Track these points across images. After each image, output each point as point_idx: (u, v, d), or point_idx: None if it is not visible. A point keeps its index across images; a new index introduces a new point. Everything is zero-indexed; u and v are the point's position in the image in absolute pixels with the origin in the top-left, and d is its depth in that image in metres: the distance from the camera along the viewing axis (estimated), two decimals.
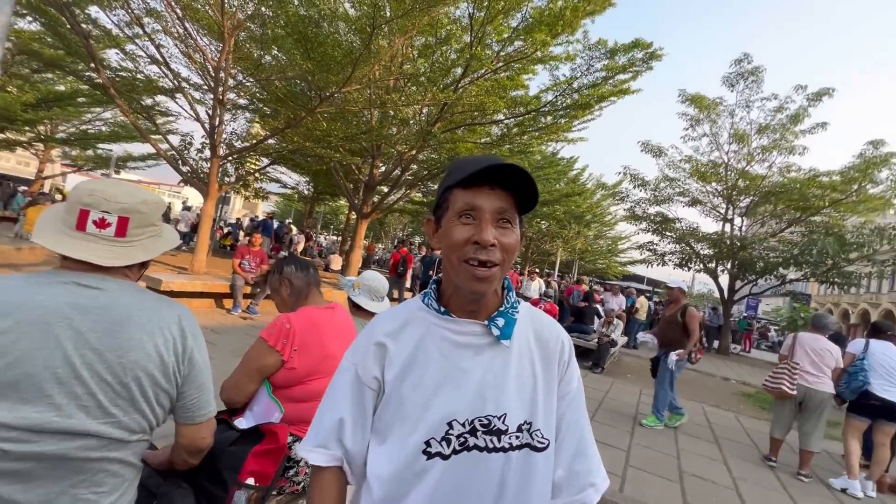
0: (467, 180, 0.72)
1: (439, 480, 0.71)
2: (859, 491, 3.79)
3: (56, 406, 0.87)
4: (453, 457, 0.71)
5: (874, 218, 12.61)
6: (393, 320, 0.81)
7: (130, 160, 18.88)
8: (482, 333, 0.77)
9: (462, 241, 0.72)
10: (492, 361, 0.76)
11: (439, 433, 0.72)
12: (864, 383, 3.85)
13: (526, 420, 0.75)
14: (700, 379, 8.83)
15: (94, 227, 0.97)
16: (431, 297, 0.81)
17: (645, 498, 3.10)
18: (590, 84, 9.07)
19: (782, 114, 12.98)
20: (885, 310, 30.67)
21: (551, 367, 0.80)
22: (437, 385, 0.74)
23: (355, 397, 0.78)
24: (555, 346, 0.82)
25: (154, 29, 7.82)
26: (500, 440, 0.72)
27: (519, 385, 0.76)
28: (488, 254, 0.71)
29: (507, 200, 0.73)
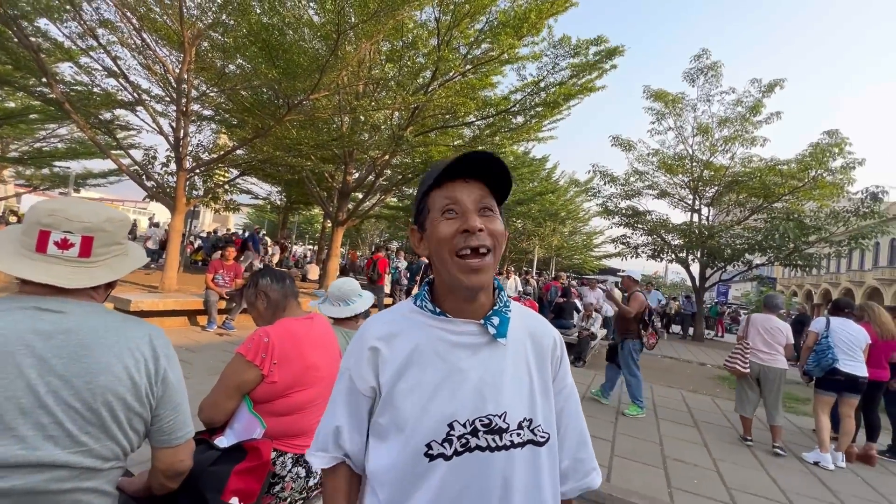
0: (443, 176, 0.74)
1: (443, 482, 0.71)
2: (830, 463, 3.98)
3: (20, 438, 0.82)
4: (455, 458, 0.71)
5: (829, 203, 13.29)
6: (385, 324, 0.81)
7: (90, 177, 18.06)
8: (478, 333, 0.77)
9: (450, 235, 0.72)
10: (489, 360, 0.76)
11: (440, 435, 0.71)
12: (833, 360, 4.06)
13: (526, 417, 0.75)
14: (677, 366, 9.09)
15: (55, 249, 0.93)
16: (425, 299, 0.80)
17: (631, 486, 3.16)
18: (556, 82, 9.24)
19: (741, 106, 13.57)
20: (844, 288, 32.32)
21: (545, 364, 0.82)
22: (436, 387, 0.73)
23: (350, 404, 0.79)
24: (548, 344, 0.84)
25: (110, 41, 7.54)
26: (502, 438, 0.73)
27: (516, 383, 0.77)
28: (478, 239, 0.71)
29: (485, 189, 0.75)
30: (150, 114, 7.92)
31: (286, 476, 1.46)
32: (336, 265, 11.47)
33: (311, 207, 22.30)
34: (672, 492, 3.17)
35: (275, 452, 1.41)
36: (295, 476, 1.48)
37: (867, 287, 30.46)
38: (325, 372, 1.55)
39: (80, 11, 6.83)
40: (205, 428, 1.49)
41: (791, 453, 4.30)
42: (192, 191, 9.26)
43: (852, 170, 12.28)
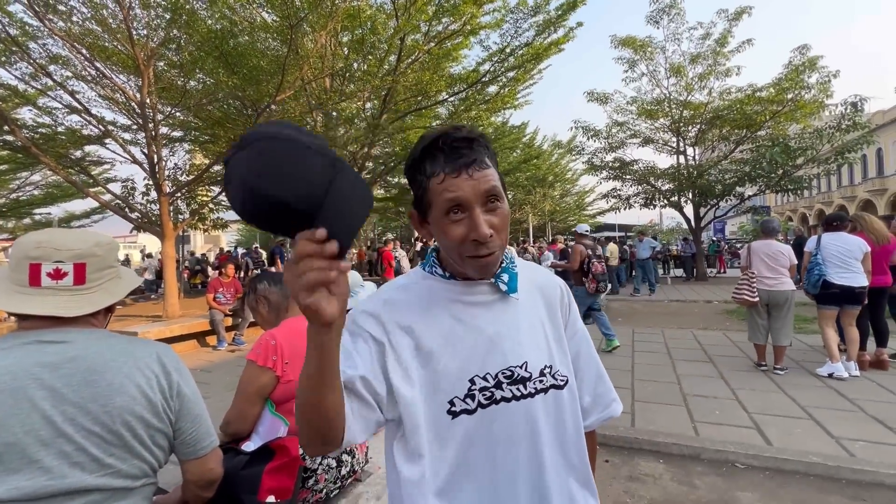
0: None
1: (471, 435, 0.72)
2: (843, 372, 4.07)
3: (46, 469, 0.83)
4: (480, 410, 0.73)
5: (811, 122, 13.25)
6: (401, 287, 0.80)
7: (73, 219, 17.86)
8: (490, 291, 0.79)
9: (459, 241, 0.70)
10: (503, 315, 0.78)
11: (462, 391, 0.72)
12: (821, 275, 4.13)
13: (546, 364, 0.78)
14: (685, 307, 9.20)
15: (49, 280, 0.93)
16: (435, 265, 0.81)
17: (656, 426, 3.24)
18: (523, 44, 9.08)
19: (710, 39, 13.38)
20: (838, 205, 32.53)
21: (555, 312, 0.85)
22: (453, 346, 0.74)
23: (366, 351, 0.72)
24: (555, 293, 0.86)
25: (64, 76, 7.34)
26: (526, 387, 0.75)
27: (532, 333, 0.79)
28: (488, 247, 0.70)
29: (487, 175, 0.70)
30: (119, 144, 7.79)
31: (318, 469, 1.48)
32: None
33: None
34: (696, 425, 3.25)
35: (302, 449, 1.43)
36: (326, 468, 1.50)
37: (860, 200, 30.67)
38: None
39: (27, 51, 6.63)
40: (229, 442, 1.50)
41: (805, 370, 4.40)
42: (178, 215, 9.18)
43: (828, 83, 12.22)
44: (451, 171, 0.69)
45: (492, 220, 0.70)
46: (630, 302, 10.32)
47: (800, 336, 5.78)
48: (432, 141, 0.71)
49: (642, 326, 7.13)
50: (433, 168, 0.71)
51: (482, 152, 0.71)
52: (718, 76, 13.61)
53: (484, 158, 0.71)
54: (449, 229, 0.71)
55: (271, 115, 7.64)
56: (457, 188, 0.68)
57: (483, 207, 0.70)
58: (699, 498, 2.44)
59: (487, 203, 0.70)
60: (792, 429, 3.12)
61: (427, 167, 0.71)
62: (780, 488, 2.50)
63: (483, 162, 0.70)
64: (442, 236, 0.73)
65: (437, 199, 0.70)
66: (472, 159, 0.69)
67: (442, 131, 0.71)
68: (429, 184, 0.71)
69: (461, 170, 0.69)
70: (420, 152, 0.72)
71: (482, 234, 0.68)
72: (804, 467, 2.65)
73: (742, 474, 2.67)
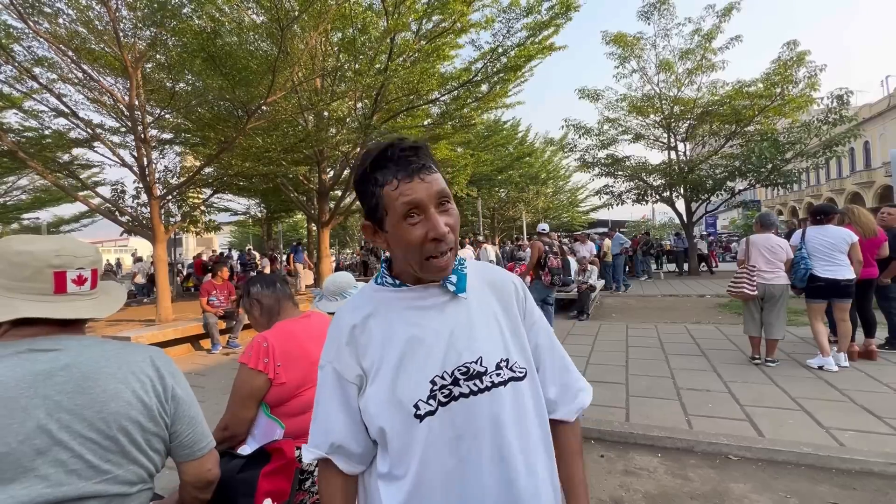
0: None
1: (436, 433, 0.75)
2: (833, 365, 4.13)
3: (43, 477, 0.83)
4: (441, 409, 0.75)
5: (799, 116, 13.40)
6: (355, 310, 0.84)
7: (63, 224, 17.67)
8: (440, 293, 0.82)
9: (419, 242, 0.74)
10: (456, 315, 0.81)
11: (425, 394, 0.75)
12: (807, 270, 4.17)
13: (502, 357, 0.80)
14: (678, 302, 9.28)
15: (75, 286, 0.96)
16: (385, 275, 0.85)
17: (650, 421, 3.27)
18: (514, 45, 9.09)
19: (699, 35, 13.48)
20: (826, 198, 32.90)
21: (510, 307, 0.87)
22: (413, 352, 0.78)
23: (338, 396, 0.80)
24: (509, 289, 0.89)
25: (50, 79, 7.24)
26: (483, 381, 0.77)
27: (486, 329, 0.82)
28: (447, 243, 0.75)
29: (436, 178, 0.75)
30: (108, 147, 7.69)
31: (314, 471, 1.48)
32: (328, 266, 11.42)
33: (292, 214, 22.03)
34: (690, 419, 3.29)
35: (298, 451, 1.43)
36: None
37: (848, 193, 31.06)
38: None
39: (12, 54, 6.53)
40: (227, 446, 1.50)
41: (796, 362, 4.46)
42: (169, 218, 9.10)
43: (816, 76, 12.36)
44: (404, 177, 0.73)
45: (447, 219, 0.75)
46: (624, 298, 10.39)
47: (791, 328, 5.85)
48: (380, 153, 0.75)
49: (636, 321, 7.19)
50: (385, 177, 0.74)
51: (428, 159, 0.76)
52: (706, 71, 13.72)
53: (430, 164, 0.76)
54: (408, 232, 0.74)
55: (262, 116, 7.59)
56: (412, 191, 0.73)
57: (437, 208, 0.75)
58: (693, 490, 2.47)
59: (440, 204, 0.75)
60: (784, 420, 3.17)
61: (379, 177, 0.75)
62: (773, 479, 2.54)
63: (430, 167, 0.75)
64: (401, 241, 0.76)
65: (393, 204, 0.74)
66: (421, 164, 0.74)
67: (388, 143, 0.75)
68: (382, 193, 0.75)
69: (413, 175, 0.73)
70: (370, 165, 0.76)
71: (441, 231, 0.73)
72: (795, 458, 2.69)
73: (735, 466, 2.71)
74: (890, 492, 2.36)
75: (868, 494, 2.35)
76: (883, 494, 2.34)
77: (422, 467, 0.75)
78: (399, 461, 0.76)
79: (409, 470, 0.75)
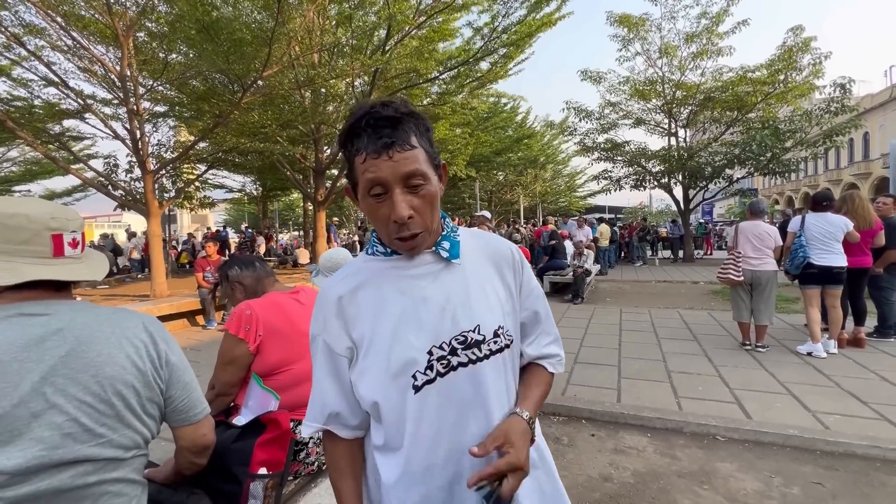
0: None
1: (433, 404, 0.74)
2: (822, 352, 4.20)
3: (38, 440, 0.83)
4: (439, 379, 0.74)
5: (801, 104, 13.29)
6: (343, 280, 0.81)
7: (55, 197, 17.39)
8: (433, 260, 0.79)
9: (383, 221, 0.72)
10: (451, 282, 0.78)
11: (422, 364, 0.74)
12: (805, 258, 4.20)
13: (500, 325, 0.79)
14: (672, 288, 9.36)
15: (71, 249, 0.96)
16: (376, 244, 0.82)
17: (641, 402, 3.32)
18: (515, 22, 8.89)
19: (705, 18, 13.23)
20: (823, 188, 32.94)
21: (506, 274, 0.85)
22: (407, 321, 0.76)
23: (330, 369, 0.80)
24: (506, 255, 0.86)
25: (38, 46, 7.02)
26: (481, 350, 0.76)
27: (482, 296, 0.80)
28: (409, 228, 0.71)
29: (408, 157, 0.69)
30: (100, 119, 7.53)
31: (309, 442, 1.50)
32: (324, 246, 11.37)
33: (289, 192, 21.85)
34: (680, 401, 3.34)
35: (292, 423, 1.44)
36: (318, 441, 1.52)
37: (845, 184, 31.10)
38: None
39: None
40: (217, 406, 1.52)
41: (786, 348, 4.53)
42: (163, 193, 8.98)
43: (820, 64, 12.22)
44: (372, 151, 0.68)
45: (412, 200, 0.70)
46: (619, 283, 10.46)
47: (782, 316, 5.93)
48: (357, 119, 0.70)
49: (630, 306, 7.26)
50: (357, 145, 0.70)
51: (408, 131, 0.70)
52: (711, 55, 13.52)
53: (409, 138, 0.69)
54: (372, 209, 0.72)
55: (258, 90, 7.43)
56: (377, 169, 0.68)
57: (403, 188, 0.69)
58: (681, 469, 2.53)
59: (409, 184, 0.70)
60: (771, 403, 3.23)
61: (353, 144, 0.71)
62: (758, 459, 2.60)
63: (406, 143, 0.69)
64: (368, 214, 0.74)
65: (361, 178, 0.70)
66: (394, 140, 0.68)
67: (368, 108, 0.70)
68: (354, 160, 0.71)
69: (381, 151, 0.68)
70: (347, 129, 0.71)
71: (399, 215, 0.69)
72: (781, 439, 2.75)
73: (722, 446, 2.77)
74: (871, 473, 2.42)
75: (850, 475, 2.41)
76: (864, 475, 2.40)
77: (417, 438, 0.75)
78: (394, 433, 0.76)
79: (405, 442, 0.75)
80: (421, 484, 0.76)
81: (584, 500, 2.27)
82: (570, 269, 8.49)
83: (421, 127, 0.73)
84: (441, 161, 0.78)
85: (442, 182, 0.78)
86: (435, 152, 0.76)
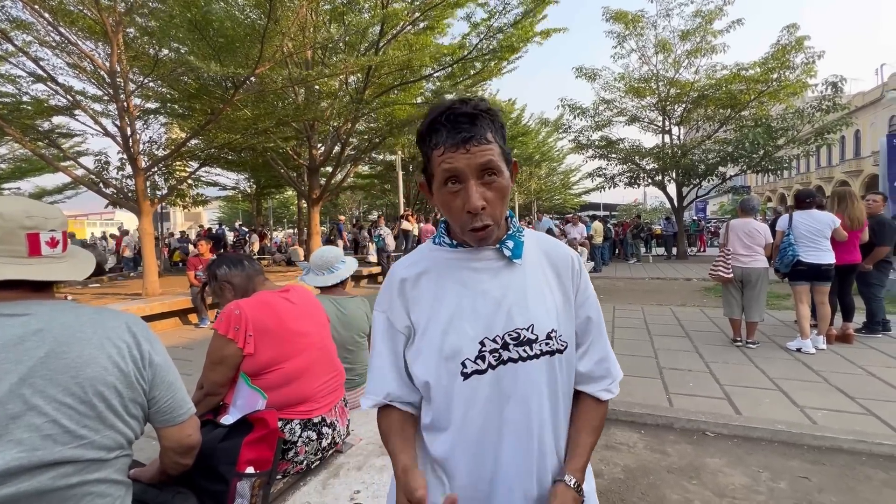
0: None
1: (482, 394, 0.77)
2: (811, 348, 4.25)
3: (17, 442, 0.82)
4: (490, 371, 0.78)
5: (793, 102, 13.38)
6: (410, 265, 0.86)
7: (45, 195, 17.20)
8: (496, 257, 0.82)
9: (457, 212, 0.75)
10: (510, 280, 0.81)
11: (473, 353, 0.77)
12: (794, 256, 4.24)
13: (553, 328, 0.81)
14: (665, 285, 9.42)
15: (49, 249, 0.94)
16: (443, 235, 0.86)
17: (632, 398, 3.35)
18: (511, 22, 8.87)
19: (700, 17, 13.27)
20: (815, 186, 33.27)
21: (564, 279, 0.87)
22: (463, 310, 0.79)
23: (389, 344, 0.84)
24: (565, 262, 0.88)
25: (25, 41, 6.92)
26: (532, 349, 0.79)
27: (539, 297, 0.82)
28: (481, 220, 0.74)
29: (484, 150, 0.73)
30: (90, 115, 7.43)
31: (297, 441, 1.50)
32: (318, 243, 11.33)
33: (283, 190, 21.73)
34: (670, 397, 3.37)
35: (281, 422, 1.44)
36: (306, 440, 1.52)
37: (836, 182, 31.39)
38: (314, 338, 1.56)
39: None
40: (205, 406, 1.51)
41: (775, 344, 4.58)
42: (155, 191, 8.90)
43: (813, 63, 12.31)
44: (451, 145, 0.72)
45: (485, 192, 0.74)
46: (612, 280, 10.51)
47: (772, 312, 5.98)
48: (437, 115, 0.74)
49: (623, 303, 7.29)
50: (436, 140, 0.74)
51: (484, 127, 0.74)
52: (706, 53, 13.58)
53: (485, 134, 0.74)
54: (447, 200, 0.76)
55: (250, 87, 7.37)
56: (453, 160, 0.72)
57: (478, 180, 0.74)
58: (670, 464, 2.55)
59: (483, 176, 0.74)
60: (761, 399, 3.26)
61: (432, 139, 0.75)
62: (747, 454, 2.63)
63: (483, 137, 0.73)
64: (442, 206, 0.78)
65: (437, 169, 0.75)
66: (471, 135, 0.72)
67: (448, 105, 0.74)
68: (432, 155, 0.76)
69: (459, 145, 0.72)
70: (427, 125, 0.76)
71: (473, 205, 0.73)
72: (770, 434, 2.78)
73: (712, 442, 2.79)
74: (857, 467, 2.46)
75: (836, 469, 2.44)
76: (850, 469, 2.44)
77: (464, 424, 0.78)
78: (441, 415, 0.80)
79: (451, 425, 0.78)
80: (465, 473, 0.79)
81: None
82: None
83: (496, 124, 0.77)
84: (513, 158, 0.81)
85: (513, 178, 0.80)
86: (508, 149, 0.79)
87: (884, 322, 4.77)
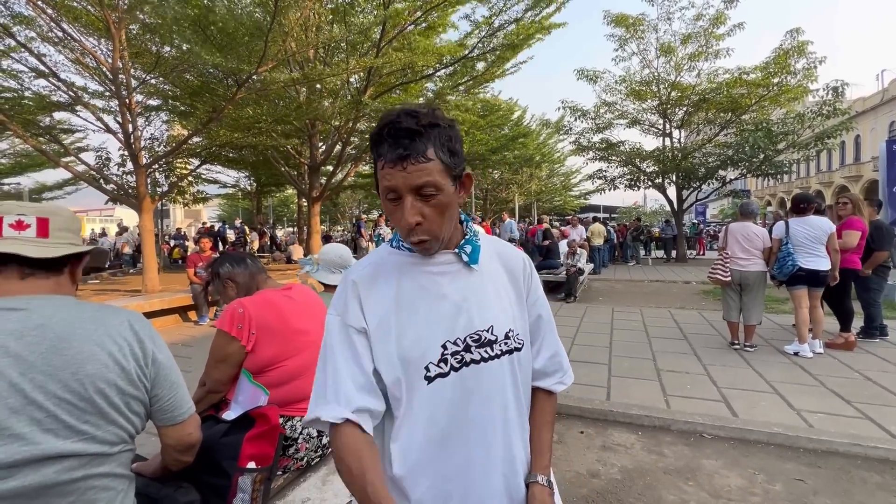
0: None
1: (445, 397, 0.78)
2: (808, 352, 4.26)
3: (18, 436, 0.82)
4: (453, 373, 0.79)
5: (794, 107, 13.41)
6: (366, 268, 0.85)
7: (45, 190, 17.19)
8: (454, 261, 0.83)
9: (398, 223, 0.76)
10: (468, 284, 0.83)
11: (436, 357, 0.78)
12: (794, 265, 4.26)
13: (510, 328, 0.84)
14: (664, 288, 9.43)
15: (11, 231, 0.92)
16: (400, 240, 0.86)
17: (630, 400, 3.36)
18: (512, 19, 8.89)
19: (702, 20, 13.29)
20: (815, 191, 33.31)
21: (517, 281, 0.91)
22: (424, 315, 0.79)
23: (349, 352, 0.78)
24: (518, 265, 0.92)
25: (28, 37, 6.92)
26: (493, 349, 0.81)
27: (497, 299, 0.85)
28: (416, 234, 0.75)
29: (421, 170, 0.71)
30: (91, 112, 7.44)
31: (298, 438, 1.51)
32: (318, 242, 11.34)
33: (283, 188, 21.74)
34: (668, 399, 3.39)
35: (282, 418, 1.45)
36: (307, 437, 1.53)
37: (836, 186, 31.45)
38: (315, 336, 1.57)
39: None
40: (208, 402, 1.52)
41: (773, 348, 4.59)
42: (156, 188, 8.90)
43: (814, 69, 12.33)
44: (389, 161, 0.72)
45: (423, 208, 0.74)
46: (612, 282, 10.53)
47: (771, 316, 6.00)
48: (382, 127, 0.73)
49: (622, 305, 7.31)
50: (379, 151, 0.74)
51: (426, 144, 0.72)
52: (708, 57, 13.60)
53: (426, 151, 0.71)
54: (390, 210, 0.77)
55: (253, 86, 7.38)
56: (392, 178, 0.72)
57: (415, 196, 0.73)
58: (667, 465, 2.57)
59: (419, 193, 0.73)
60: (757, 402, 3.28)
61: (377, 150, 0.75)
62: (743, 456, 2.64)
63: (422, 155, 0.71)
64: (388, 214, 0.78)
65: (380, 182, 0.75)
66: (408, 153, 0.71)
67: (394, 117, 0.72)
68: (377, 164, 0.76)
69: (396, 162, 0.71)
70: (374, 134, 0.75)
71: (407, 222, 0.73)
72: (766, 437, 2.79)
73: (708, 444, 2.81)
74: (852, 470, 2.47)
75: (831, 472, 2.46)
76: (845, 472, 2.45)
77: (430, 426, 0.77)
78: (404, 420, 0.78)
79: (417, 428, 0.78)
80: (429, 474, 0.78)
81: (571, 496, 2.30)
82: (563, 267, 8.53)
83: (443, 138, 0.74)
84: (464, 171, 0.80)
85: (465, 191, 0.80)
86: (456, 162, 0.76)
87: (881, 327, 4.78)
